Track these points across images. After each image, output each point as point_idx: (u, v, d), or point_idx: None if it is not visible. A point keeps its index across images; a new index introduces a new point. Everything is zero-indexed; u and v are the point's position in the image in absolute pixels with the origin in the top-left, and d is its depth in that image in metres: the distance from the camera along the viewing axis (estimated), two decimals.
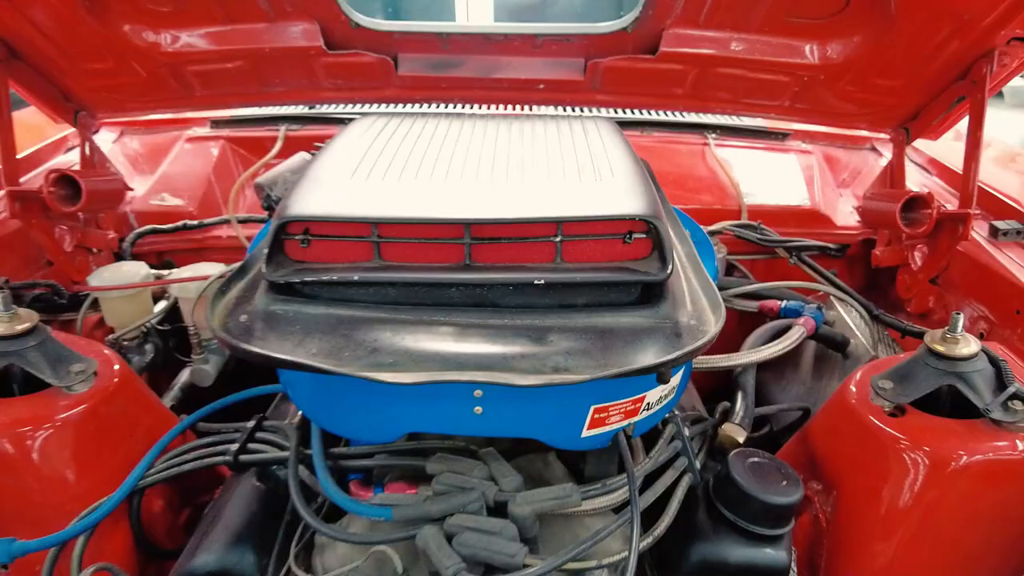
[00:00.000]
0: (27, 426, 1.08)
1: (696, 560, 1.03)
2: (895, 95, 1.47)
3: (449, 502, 0.91)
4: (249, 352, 0.83)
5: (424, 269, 0.90)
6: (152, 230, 1.73)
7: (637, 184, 0.96)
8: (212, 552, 1.02)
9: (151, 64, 1.45)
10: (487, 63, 1.47)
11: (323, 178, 0.98)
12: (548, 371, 0.82)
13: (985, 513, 1.06)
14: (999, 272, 1.37)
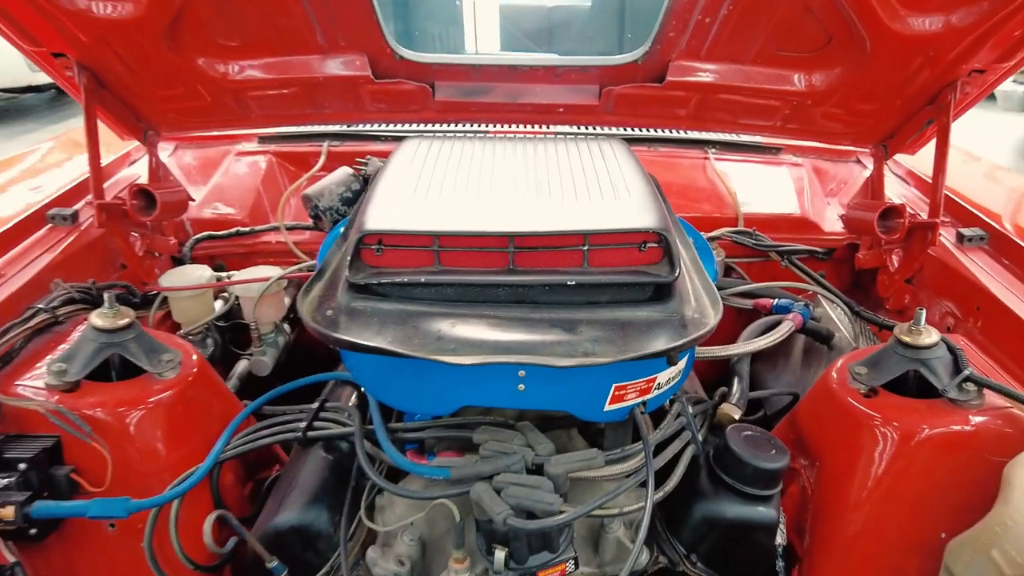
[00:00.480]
0: (128, 406, 1.28)
1: (699, 516, 1.22)
2: (874, 117, 1.65)
3: (496, 463, 1.10)
4: (339, 340, 1.02)
5: (476, 273, 1.09)
6: (209, 236, 1.91)
7: (650, 202, 1.15)
8: (293, 511, 1.21)
9: (217, 91, 1.64)
10: (513, 90, 1.66)
11: (390, 197, 1.17)
12: (579, 355, 1.01)
13: (942, 477, 1.24)
14: (963, 274, 1.56)
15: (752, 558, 1.24)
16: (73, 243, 1.62)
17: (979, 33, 1.35)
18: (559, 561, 1.09)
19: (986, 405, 1.24)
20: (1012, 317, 1.40)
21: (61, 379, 1.26)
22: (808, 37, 1.48)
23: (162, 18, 1.41)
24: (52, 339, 1.41)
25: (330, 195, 1.85)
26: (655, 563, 1.22)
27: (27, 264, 1.51)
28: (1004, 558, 1.09)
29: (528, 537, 1.06)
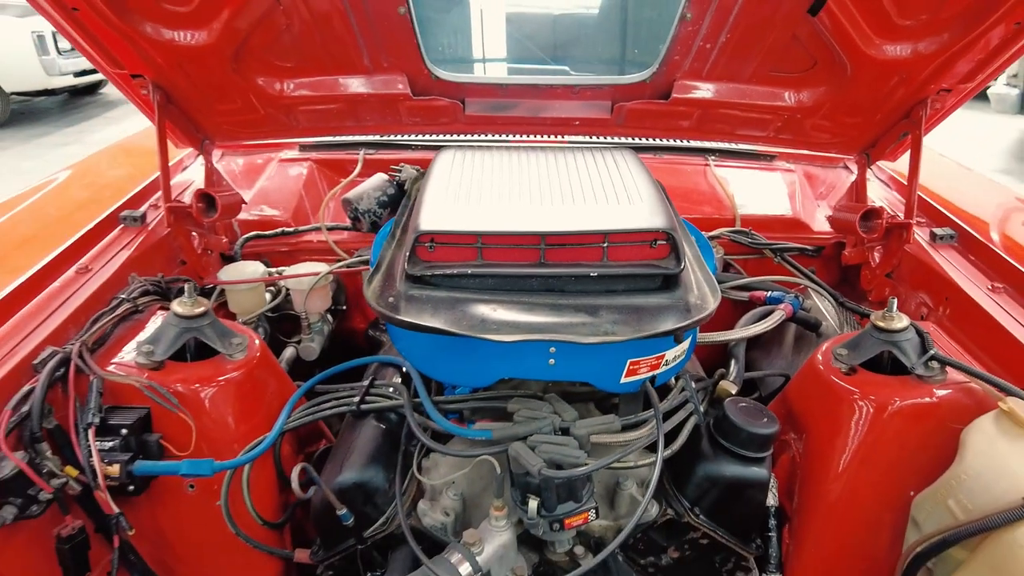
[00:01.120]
0: (204, 383, 1.47)
1: (701, 475, 1.42)
2: (856, 128, 1.85)
3: (529, 426, 1.30)
4: (401, 321, 1.22)
5: (513, 266, 1.29)
6: (257, 235, 2.11)
7: (659, 205, 1.35)
8: (354, 470, 1.41)
9: (271, 105, 1.84)
10: (535, 105, 1.86)
11: (437, 202, 1.37)
12: (600, 334, 1.21)
13: (911, 443, 1.43)
14: (934, 269, 1.76)
15: (747, 512, 1.44)
16: (143, 242, 1.82)
17: (944, 58, 1.55)
18: (583, 510, 1.29)
19: (948, 381, 1.43)
20: (975, 306, 1.59)
21: (150, 359, 1.46)
22: (796, 60, 1.68)
23: (231, 45, 1.61)
24: (133, 325, 1.61)
25: (368, 199, 2.04)
26: (663, 515, 1.42)
27: (108, 261, 1.72)
28: (958, 506, 1.29)
29: (557, 488, 1.26)
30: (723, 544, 1.43)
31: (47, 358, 1.38)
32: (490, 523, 1.30)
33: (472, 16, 2.71)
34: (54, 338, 1.45)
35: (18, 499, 1.24)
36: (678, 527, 1.42)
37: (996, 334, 1.51)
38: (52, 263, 1.60)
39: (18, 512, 1.24)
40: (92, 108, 9.53)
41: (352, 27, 1.60)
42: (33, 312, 1.49)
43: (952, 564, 1.30)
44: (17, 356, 1.36)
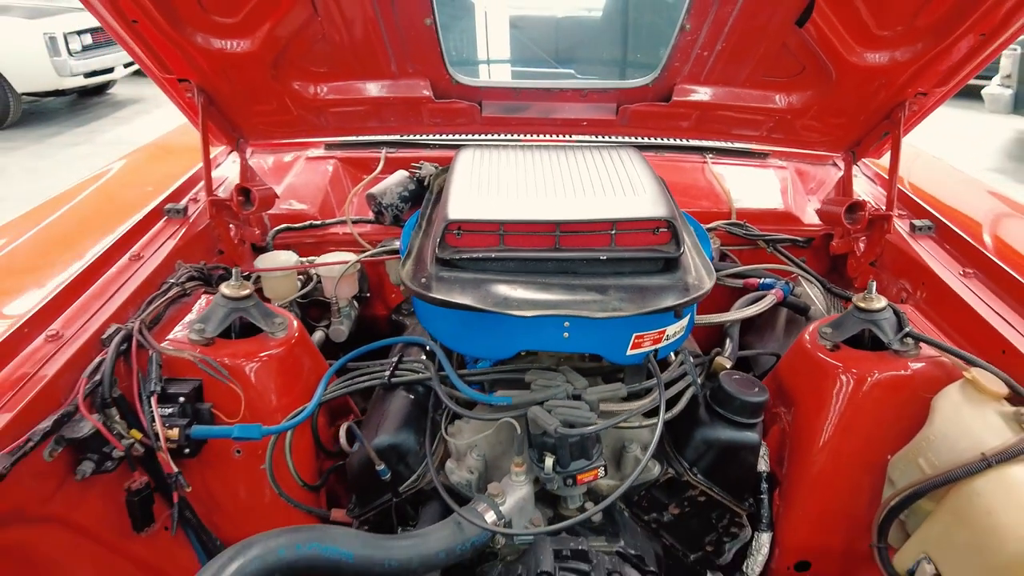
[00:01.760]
0: (249, 358, 1.63)
1: (699, 439, 1.58)
2: (842, 128, 2.01)
3: (546, 392, 1.46)
4: (434, 299, 1.38)
5: (531, 251, 1.45)
6: (287, 227, 2.27)
7: (661, 197, 1.52)
8: (388, 434, 1.57)
9: (304, 107, 2.00)
10: (546, 107, 2.02)
11: (463, 195, 1.53)
12: (609, 310, 1.37)
13: (887, 412, 1.58)
14: (913, 257, 1.92)
15: (740, 472, 1.60)
16: (186, 233, 1.98)
17: (919, 65, 1.71)
18: (593, 467, 1.45)
19: (921, 355, 1.60)
20: (947, 290, 1.76)
21: (201, 336, 1.62)
22: (786, 66, 1.84)
23: (271, 52, 1.78)
24: (181, 307, 1.77)
25: (391, 194, 2.21)
26: (665, 474, 1.58)
27: (156, 249, 1.88)
28: (927, 463, 1.46)
29: (570, 446, 1.42)
30: (719, 501, 1.59)
31: (112, 334, 1.55)
32: (511, 478, 1.46)
33: (477, 20, 2.86)
34: (116, 317, 1.61)
35: (95, 455, 1.40)
36: (678, 485, 1.58)
37: (965, 314, 1.67)
38: (108, 251, 1.76)
39: (95, 467, 1.40)
40: (101, 108, 9.69)
41: (382, 36, 1.76)
42: (96, 294, 1.65)
43: (921, 515, 1.46)
44: (87, 332, 1.52)
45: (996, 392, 1.43)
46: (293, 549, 1.23)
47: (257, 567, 1.18)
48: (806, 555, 1.72)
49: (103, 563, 1.45)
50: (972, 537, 1.31)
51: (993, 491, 1.31)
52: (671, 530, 1.64)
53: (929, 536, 1.42)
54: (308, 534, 1.27)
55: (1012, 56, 6.79)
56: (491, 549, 1.50)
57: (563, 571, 1.38)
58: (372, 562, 1.25)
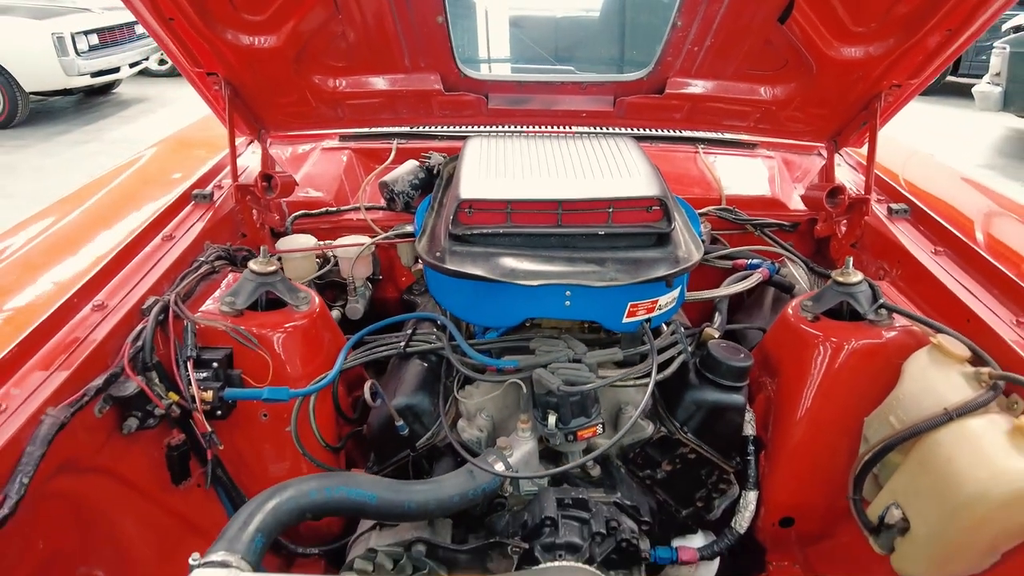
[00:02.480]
0: (275, 328, 1.77)
1: (689, 400, 1.72)
2: (824, 119, 2.15)
3: (549, 356, 1.61)
4: (448, 270, 1.52)
5: (535, 227, 1.58)
6: (304, 214, 2.41)
7: (654, 178, 1.66)
8: (405, 396, 1.71)
9: (322, 99, 2.14)
10: (548, 99, 2.16)
11: (474, 177, 1.67)
12: (607, 279, 1.51)
13: (863, 377, 1.71)
14: (890, 238, 2.06)
15: (727, 431, 1.73)
16: (213, 216, 2.12)
17: (892, 58, 1.85)
18: (592, 424, 1.58)
19: (894, 325, 1.74)
20: (919, 266, 1.90)
21: (232, 308, 1.76)
22: (770, 60, 1.99)
23: (294, 48, 1.92)
24: (211, 284, 1.91)
25: (402, 182, 2.35)
26: (658, 432, 1.72)
27: (187, 231, 2.02)
28: (897, 420, 1.60)
29: (571, 404, 1.56)
30: (708, 459, 1.73)
31: (152, 305, 1.68)
32: (518, 434, 1.60)
33: (479, 19, 3.00)
34: (153, 291, 1.75)
35: (139, 413, 1.54)
36: (670, 444, 1.72)
37: (935, 288, 1.81)
38: (143, 232, 1.90)
39: (139, 423, 1.54)
40: (107, 107, 9.83)
41: (397, 33, 1.90)
42: (134, 269, 1.79)
43: (892, 468, 1.60)
44: (129, 303, 1.66)
45: (959, 355, 1.57)
46: (323, 492, 1.36)
47: (291, 506, 1.32)
48: (790, 512, 1.86)
49: (143, 513, 1.59)
50: (934, 482, 1.46)
51: (953, 441, 1.45)
52: (664, 486, 1.77)
53: (897, 486, 1.56)
54: (337, 479, 1.42)
55: (1001, 55, 6.95)
56: (500, 499, 1.64)
57: (565, 518, 1.52)
58: (393, 504, 1.39)
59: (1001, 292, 1.72)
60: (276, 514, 1.28)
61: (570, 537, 1.49)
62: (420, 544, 1.47)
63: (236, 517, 1.25)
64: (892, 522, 1.53)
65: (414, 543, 1.47)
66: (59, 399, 1.37)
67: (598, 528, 1.50)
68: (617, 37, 3.12)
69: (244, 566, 1.14)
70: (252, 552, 1.18)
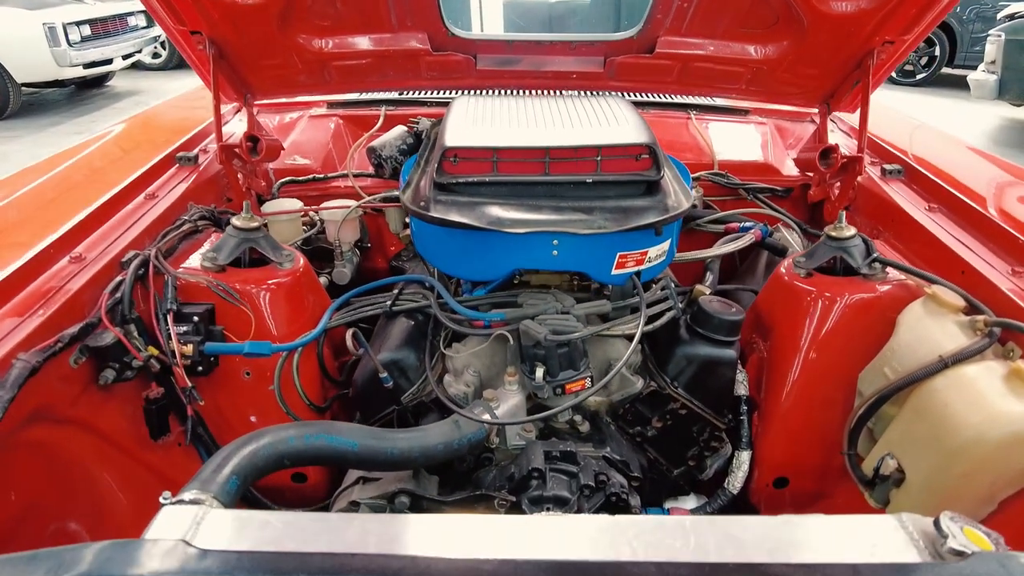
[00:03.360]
0: (258, 284, 1.73)
1: (680, 355, 1.69)
2: (816, 80, 2.13)
3: (536, 308, 1.58)
4: (432, 218, 1.49)
5: (522, 175, 1.55)
6: (291, 180, 2.38)
7: (643, 127, 1.63)
8: (390, 351, 1.68)
9: (308, 61, 2.11)
10: (537, 60, 2.13)
11: (459, 126, 1.64)
12: (595, 228, 1.48)
13: (857, 332, 1.68)
14: (884, 197, 2.03)
15: (718, 387, 1.70)
16: (198, 177, 2.09)
17: (883, 13, 1.82)
18: (580, 377, 1.55)
19: (888, 279, 1.72)
20: (913, 222, 1.87)
21: (214, 263, 1.72)
22: (761, 17, 1.96)
23: (279, 4, 1.88)
24: (194, 243, 1.87)
25: (390, 147, 2.31)
26: (648, 387, 1.69)
27: (170, 191, 1.98)
28: (891, 371, 1.57)
29: (560, 356, 1.53)
30: (699, 414, 1.70)
31: (131, 258, 1.65)
32: (505, 387, 1.57)
33: None
34: (134, 245, 1.71)
35: (116, 364, 1.51)
36: (660, 399, 1.69)
37: (929, 242, 1.79)
38: (125, 190, 1.87)
39: (116, 375, 1.51)
40: (100, 100, 9.77)
41: None
42: (115, 226, 1.76)
43: (886, 421, 1.57)
44: (107, 256, 1.63)
45: (954, 305, 1.54)
46: (302, 438, 1.33)
47: (269, 452, 1.28)
48: (784, 472, 1.83)
49: (121, 468, 1.55)
50: (929, 429, 1.43)
51: (948, 387, 1.42)
52: (655, 444, 1.74)
53: (892, 436, 1.53)
54: (317, 426, 1.38)
55: (996, 42, 6.95)
56: (486, 454, 1.61)
57: (553, 471, 1.49)
58: (375, 451, 1.36)
59: (996, 245, 1.70)
60: (253, 458, 1.25)
61: (558, 490, 1.46)
62: (403, 496, 1.44)
63: (212, 459, 1.21)
64: (887, 473, 1.50)
65: (397, 495, 1.44)
66: (31, 345, 1.34)
67: (587, 481, 1.46)
68: (612, 15, 3.10)
69: (216, 505, 1.10)
70: (225, 493, 1.14)
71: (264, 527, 0.90)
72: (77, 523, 1.44)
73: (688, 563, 0.79)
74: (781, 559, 0.81)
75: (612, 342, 1.71)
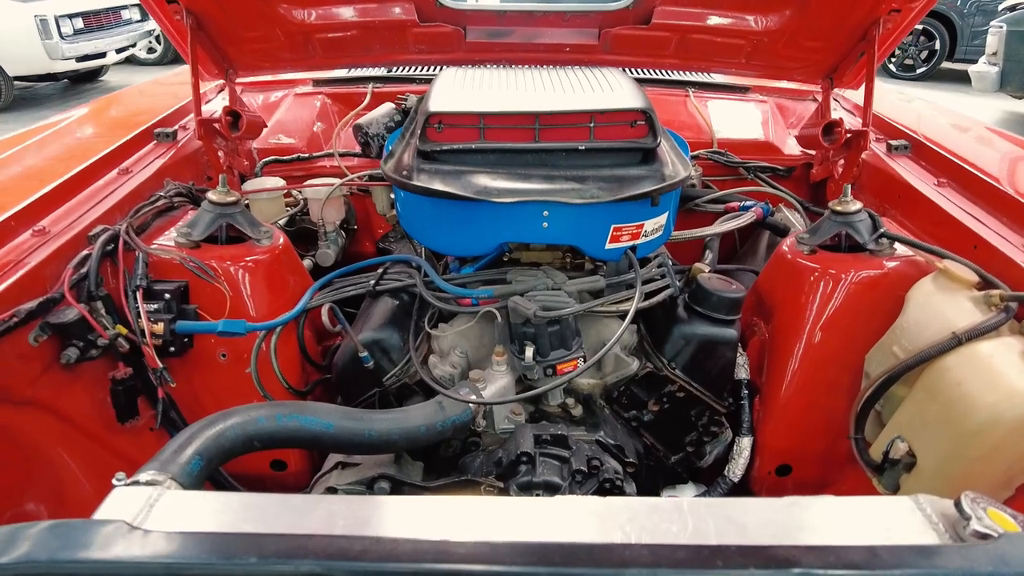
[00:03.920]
0: (234, 261, 1.64)
1: (677, 335, 1.60)
2: (819, 53, 2.04)
3: (526, 284, 1.49)
4: (415, 187, 1.41)
5: (511, 143, 1.47)
6: (275, 160, 2.29)
7: (638, 93, 1.55)
8: (371, 331, 1.59)
9: (291, 33, 2.02)
10: (529, 32, 2.05)
11: (445, 91, 1.56)
12: (588, 197, 1.40)
13: (864, 311, 1.60)
14: (889, 173, 1.95)
15: (718, 368, 1.62)
16: (176, 153, 2.00)
17: None
18: (572, 357, 1.47)
19: (896, 255, 1.64)
20: (922, 197, 1.79)
21: (188, 239, 1.64)
22: None
23: None
24: (169, 220, 1.79)
25: (377, 124, 2.22)
26: (644, 368, 1.60)
27: (146, 166, 1.89)
28: (901, 350, 1.49)
29: (550, 335, 1.44)
30: (698, 397, 1.62)
31: (99, 232, 1.56)
32: (492, 368, 1.49)
33: None
34: (103, 220, 1.63)
35: (80, 342, 1.42)
36: (657, 381, 1.61)
37: (939, 217, 1.71)
38: (97, 163, 1.78)
39: (80, 354, 1.42)
40: (93, 95, 9.67)
41: None
42: (83, 200, 1.67)
43: (895, 403, 1.49)
44: (74, 231, 1.54)
45: (967, 280, 1.46)
46: (274, 419, 1.24)
47: (238, 432, 1.20)
48: (787, 459, 1.75)
49: (87, 452, 1.47)
50: (942, 410, 1.34)
51: (962, 365, 1.34)
52: (651, 429, 1.66)
53: (902, 418, 1.45)
54: (291, 407, 1.29)
55: (998, 34, 6.87)
56: (473, 439, 1.53)
57: (543, 455, 1.40)
58: (352, 432, 1.27)
59: (1010, 218, 1.61)
60: (219, 439, 1.16)
61: (548, 476, 1.37)
62: (383, 481, 1.35)
63: (175, 439, 1.13)
64: (897, 456, 1.41)
65: (376, 480, 1.35)
66: None
67: (579, 466, 1.38)
68: None
69: (174, 486, 1.02)
70: (186, 474, 1.06)
71: (222, 509, 0.83)
72: (37, 509, 1.36)
73: (684, 546, 0.71)
74: (787, 542, 0.73)
75: (606, 322, 1.63)
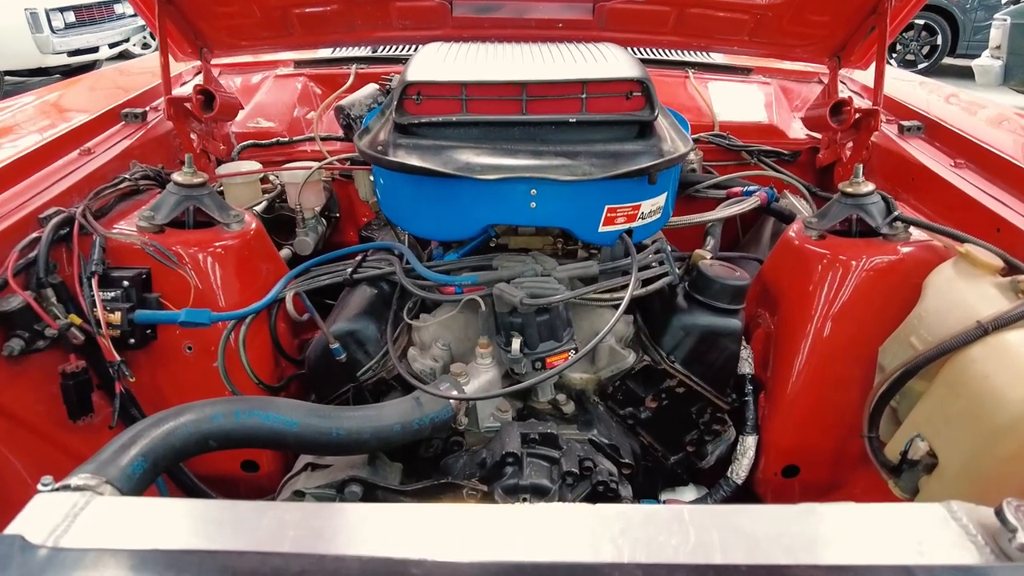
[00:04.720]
0: (201, 247, 1.53)
1: (676, 325, 1.49)
2: (826, 29, 1.92)
3: (513, 270, 1.37)
4: (391, 162, 1.29)
5: (495, 116, 1.35)
6: (253, 144, 2.17)
7: (634, 63, 1.43)
8: (346, 321, 1.48)
9: (268, 7, 1.90)
10: (520, 7, 1.93)
11: (425, 62, 1.44)
12: (579, 174, 1.28)
13: (878, 299, 1.49)
14: (902, 155, 1.84)
15: (720, 361, 1.50)
16: (144, 135, 1.88)
17: None
18: (563, 349, 1.36)
19: (912, 239, 1.52)
20: (938, 179, 1.68)
21: (150, 223, 1.52)
22: None
23: None
24: (134, 204, 1.67)
25: (360, 106, 2.11)
26: (641, 362, 1.49)
27: (110, 147, 1.78)
28: (919, 340, 1.37)
29: (538, 326, 1.33)
30: (698, 393, 1.50)
31: (52, 214, 1.45)
32: (476, 361, 1.37)
33: None
34: (58, 202, 1.51)
35: (25, 333, 1.31)
36: (655, 375, 1.49)
37: (958, 200, 1.60)
38: (55, 142, 1.67)
39: (25, 345, 1.30)
40: None
41: None
42: (38, 181, 1.56)
43: (913, 398, 1.37)
44: (24, 210, 1.42)
45: (991, 264, 1.35)
46: (231, 416, 1.13)
47: (191, 431, 1.08)
48: (794, 459, 1.63)
49: (33, 452, 1.35)
50: (967, 405, 1.23)
51: (989, 357, 1.22)
52: (649, 427, 1.54)
53: (921, 415, 1.33)
54: (250, 402, 1.18)
55: (1002, 27, 6.76)
56: (456, 438, 1.41)
57: (531, 456, 1.29)
58: (318, 431, 1.15)
59: None
60: (168, 438, 1.04)
61: (536, 478, 1.26)
62: (355, 484, 1.23)
63: (117, 438, 1.01)
64: (916, 457, 1.29)
65: (347, 483, 1.23)
66: None
67: (569, 467, 1.27)
68: None
69: (110, 492, 0.90)
70: (126, 478, 0.94)
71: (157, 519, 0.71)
72: None
73: (685, 565, 0.60)
74: (805, 559, 0.61)
75: (600, 312, 1.51)
